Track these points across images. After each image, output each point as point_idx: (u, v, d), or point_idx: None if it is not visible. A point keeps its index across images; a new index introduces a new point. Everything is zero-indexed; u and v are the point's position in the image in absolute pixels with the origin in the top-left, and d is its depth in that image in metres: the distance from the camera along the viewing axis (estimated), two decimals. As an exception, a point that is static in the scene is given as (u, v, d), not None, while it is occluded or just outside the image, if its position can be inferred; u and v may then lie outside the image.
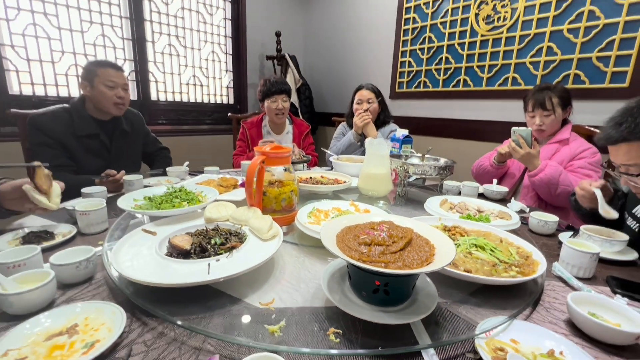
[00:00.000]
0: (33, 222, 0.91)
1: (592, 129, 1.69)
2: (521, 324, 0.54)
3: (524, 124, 1.58)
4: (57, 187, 0.83)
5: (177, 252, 0.64)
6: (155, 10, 2.58)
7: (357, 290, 0.54)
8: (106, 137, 1.43)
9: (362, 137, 1.86)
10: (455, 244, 0.70)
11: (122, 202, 0.87)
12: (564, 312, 0.59)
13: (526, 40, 2.00)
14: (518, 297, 0.61)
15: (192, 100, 2.95)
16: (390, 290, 0.50)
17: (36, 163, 0.77)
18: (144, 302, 0.53)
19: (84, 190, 1.05)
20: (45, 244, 0.74)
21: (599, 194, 0.93)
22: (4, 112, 1.94)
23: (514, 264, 0.65)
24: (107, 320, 0.50)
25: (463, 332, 0.51)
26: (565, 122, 1.52)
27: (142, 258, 0.62)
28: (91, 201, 0.92)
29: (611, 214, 0.90)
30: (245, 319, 0.52)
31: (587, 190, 0.98)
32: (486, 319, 0.53)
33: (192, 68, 2.89)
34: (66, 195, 1.02)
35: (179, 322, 0.50)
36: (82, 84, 1.38)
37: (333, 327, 0.50)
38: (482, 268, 0.63)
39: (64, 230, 0.83)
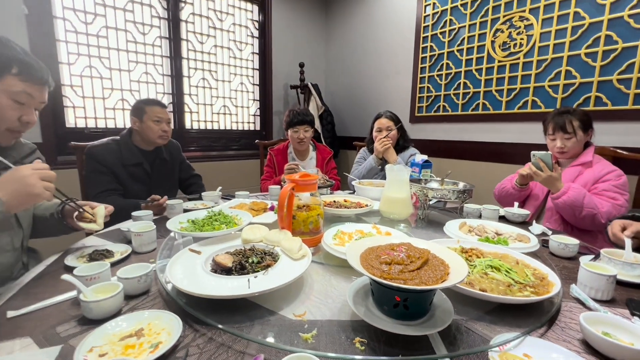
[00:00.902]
0: (93, 242, 1.04)
1: (617, 150, 1.68)
2: (535, 340, 0.58)
3: (545, 147, 1.61)
4: (101, 209, 0.97)
5: (220, 269, 0.74)
6: (192, 49, 2.86)
7: (379, 305, 0.60)
8: (148, 165, 1.62)
9: (383, 161, 1.94)
10: (472, 265, 0.76)
11: (170, 224, 0.99)
12: (579, 331, 0.62)
13: (544, 65, 2.05)
14: (532, 316, 0.64)
15: (221, 127, 3.17)
16: (409, 305, 0.56)
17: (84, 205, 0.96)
18: (196, 311, 0.62)
19: (134, 213, 1.19)
20: (107, 261, 0.86)
21: (628, 243, 0.91)
22: (63, 144, 2.22)
23: (529, 285, 0.69)
24: (166, 326, 0.59)
25: (478, 345, 0.56)
26: (587, 144, 1.53)
27: (191, 274, 0.72)
28: (142, 223, 1.05)
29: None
30: (282, 327, 0.59)
31: (619, 237, 0.96)
32: (501, 334, 0.58)
33: (222, 99, 3.13)
34: (118, 217, 1.18)
35: (226, 329, 0.58)
36: (132, 119, 1.59)
37: (358, 337, 0.56)
38: (497, 288, 0.68)
39: (121, 249, 0.95)
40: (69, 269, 0.81)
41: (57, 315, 0.64)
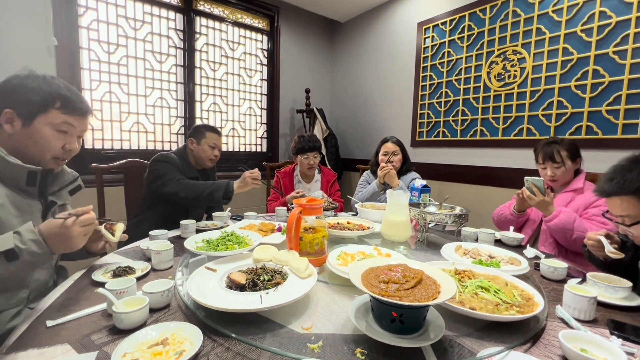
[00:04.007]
0: (115, 260, 1.12)
1: (609, 177, 1.76)
2: (519, 354, 0.64)
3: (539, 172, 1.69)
4: (120, 225, 1.05)
5: (235, 286, 0.81)
6: (205, 76, 3.04)
7: (378, 320, 0.68)
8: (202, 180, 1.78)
9: (386, 185, 2.03)
10: (464, 286, 0.83)
11: (187, 244, 1.08)
12: (560, 348, 0.68)
13: (537, 95, 2.17)
14: (518, 333, 0.71)
15: (230, 149, 3.30)
16: (404, 320, 0.64)
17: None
18: (214, 323, 0.70)
19: (152, 233, 1.28)
20: (130, 277, 0.94)
21: (604, 240, 1.02)
22: (82, 163, 2.33)
23: (515, 304, 0.76)
24: (188, 336, 0.66)
25: (466, 357, 0.62)
26: (578, 172, 1.61)
27: (209, 290, 0.80)
28: (160, 242, 1.14)
29: (618, 253, 0.98)
30: (291, 339, 0.67)
31: (595, 238, 1.06)
32: (487, 349, 0.64)
33: (232, 122, 3.28)
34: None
35: (241, 339, 0.66)
36: (190, 140, 1.77)
37: (359, 348, 0.63)
38: (486, 307, 0.75)
39: (141, 266, 1.03)
40: (97, 284, 0.90)
41: (90, 325, 0.72)
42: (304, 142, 2.05)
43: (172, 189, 1.60)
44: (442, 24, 2.71)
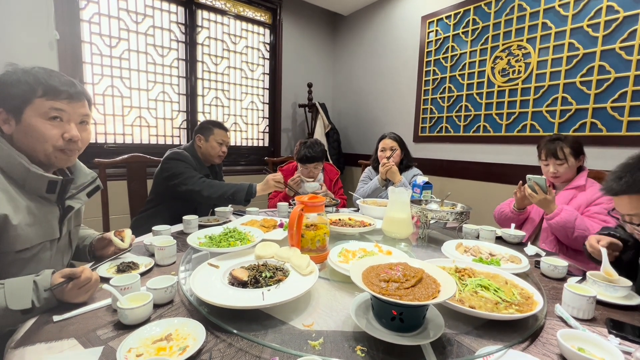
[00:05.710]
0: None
1: (612, 174, 1.75)
2: (516, 353, 0.65)
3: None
4: (129, 231, 1.10)
5: (237, 282, 0.82)
6: (207, 70, 3.03)
7: (378, 318, 0.68)
8: (212, 178, 1.79)
9: (387, 182, 2.03)
10: (464, 284, 0.83)
11: (190, 240, 1.09)
12: (557, 347, 0.69)
13: (541, 91, 2.15)
14: (516, 332, 0.72)
15: (232, 143, 3.30)
16: (404, 318, 0.64)
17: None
18: (217, 320, 0.71)
19: (155, 228, 1.29)
20: (134, 272, 0.96)
21: (604, 253, 0.98)
22: (83, 157, 2.35)
23: (514, 303, 0.76)
24: (191, 332, 0.68)
25: (464, 355, 0.63)
26: (580, 169, 1.60)
27: (212, 286, 0.81)
28: (163, 238, 1.15)
29: (613, 275, 0.95)
30: (292, 335, 0.68)
31: (595, 248, 1.03)
32: (486, 347, 0.65)
33: (233, 116, 3.28)
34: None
35: (244, 336, 0.67)
36: (198, 137, 1.77)
37: (359, 345, 0.64)
38: (485, 305, 0.75)
39: (145, 262, 1.04)
40: (102, 280, 0.91)
41: (95, 320, 0.73)
42: (305, 151, 1.96)
43: (194, 187, 1.60)
44: (447, 17, 2.67)
